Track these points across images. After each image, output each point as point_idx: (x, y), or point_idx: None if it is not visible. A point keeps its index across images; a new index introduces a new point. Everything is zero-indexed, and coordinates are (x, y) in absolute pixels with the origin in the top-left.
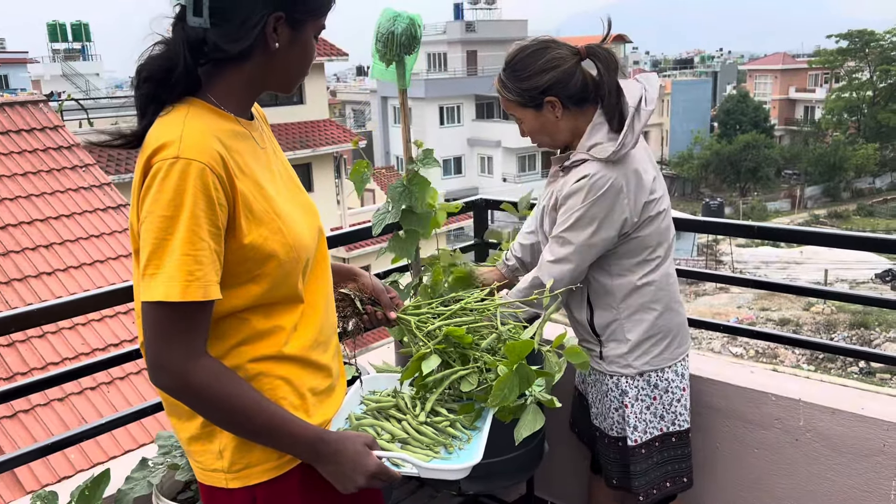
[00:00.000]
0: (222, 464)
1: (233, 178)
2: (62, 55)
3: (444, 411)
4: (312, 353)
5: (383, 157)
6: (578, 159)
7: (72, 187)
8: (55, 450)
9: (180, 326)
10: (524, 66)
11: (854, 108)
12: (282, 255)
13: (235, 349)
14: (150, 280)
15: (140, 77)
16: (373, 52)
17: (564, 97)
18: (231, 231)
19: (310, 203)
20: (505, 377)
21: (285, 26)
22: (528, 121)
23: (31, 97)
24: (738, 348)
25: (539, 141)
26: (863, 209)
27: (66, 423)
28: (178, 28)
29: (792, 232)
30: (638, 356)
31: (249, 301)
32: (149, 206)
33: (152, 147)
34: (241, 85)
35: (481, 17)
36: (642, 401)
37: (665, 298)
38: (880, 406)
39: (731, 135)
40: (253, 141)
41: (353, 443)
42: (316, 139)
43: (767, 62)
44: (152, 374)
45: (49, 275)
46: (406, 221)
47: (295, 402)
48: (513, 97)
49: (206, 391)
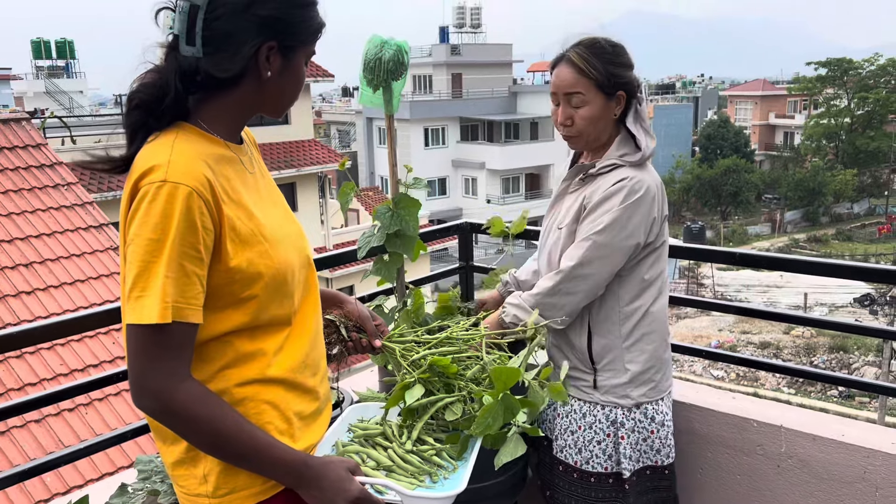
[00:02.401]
0: (207, 488)
1: (219, 202)
2: (46, 72)
3: (431, 440)
4: (300, 375)
5: (368, 178)
6: (609, 164)
7: (54, 206)
8: (32, 475)
9: (163, 349)
10: (618, 53)
11: (832, 135)
12: (267, 278)
13: (221, 373)
14: (134, 302)
15: (131, 104)
16: (360, 78)
17: (630, 99)
18: (217, 254)
19: (297, 227)
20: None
21: (277, 55)
22: (595, 105)
23: (13, 114)
24: (720, 371)
25: (583, 129)
26: (841, 234)
27: (42, 445)
28: (171, 57)
29: (773, 259)
30: (637, 387)
31: (236, 324)
32: (135, 229)
33: (140, 170)
34: (230, 111)
35: (466, 41)
36: (639, 433)
37: (662, 329)
38: (860, 433)
39: (712, 159)
40: (241, 165)
41: (337, 468)
42: (301, 159)
43: (748, 88)
44: (135, 396)
45: (29, 294)
46: (391, 245)
47: (281, 426)
48: (594, 74)
49: (189, 414)
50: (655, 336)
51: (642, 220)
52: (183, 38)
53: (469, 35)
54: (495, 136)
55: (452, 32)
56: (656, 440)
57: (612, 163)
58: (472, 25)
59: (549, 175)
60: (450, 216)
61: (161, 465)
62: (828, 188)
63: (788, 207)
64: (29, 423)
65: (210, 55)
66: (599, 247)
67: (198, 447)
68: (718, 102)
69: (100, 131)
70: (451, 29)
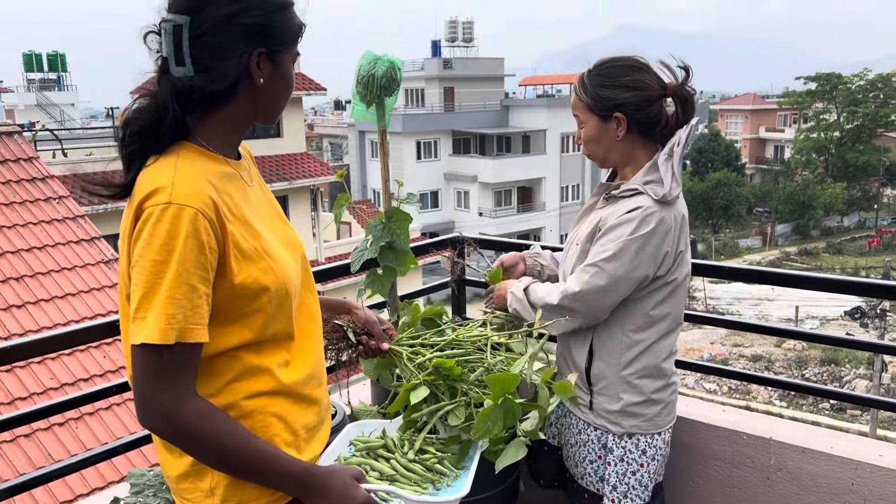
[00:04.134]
0: (213, 501)
1: (223, 221)
2: (37, 85)
3: (433, 450)
4: (306, 387)
5: (360, 191)
6: (632, 189)
7: (45, 219)
8: (21, 490)
9: (169, 369)
10: (610, 74)
11: (822, 148)
12: (271, 293)
13: (229, 386)
14: (139, 323)
15: (127, 131)
16: (353, 93)
17: (634, 120)
18: (221, 272)
19: (295, 237)
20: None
21: (267, 60)
22: (590, 127)
23: (5, 127)
24: (712, 384)
25: (590, 151)
26: (832, 247)
27: (32, 460)
28: (164, 79)
29: (761, 273)
30: (628, 417)
31: (242, 339)
32: (140, 250)
33: (144, 192)
34: (228, 125)
35: (458, 55)
36: (628, 464)
37: (666, 368)
38: (849, 445)
39: (703, 173)
40: (241, 180)
41: (342, 476)
42: (293, 172)
43: (738, 102)
44: (141, 417)
45: (20, 307)
46: (384, 258)
47: (287, 438)
48: (585, 98)
49: (196, 432)
50: (656, 372)
51: (652, 253)
52: (172, 60)
53: (461, 49)
54: (487, 150)
55: (445, 46)
56: (645, 475)
57: (634, 188)
58: (464, 39)
59: (541, 188)
60: (442, 229)
61: (153, 479)
62: (818, 201)
63: (779, 220)
64: (18, 437)
65: (201, 72)
66: (603, 275)
67: (204, 463)
68: (709, 116)
69: (91, 144)
70: (443, 43)
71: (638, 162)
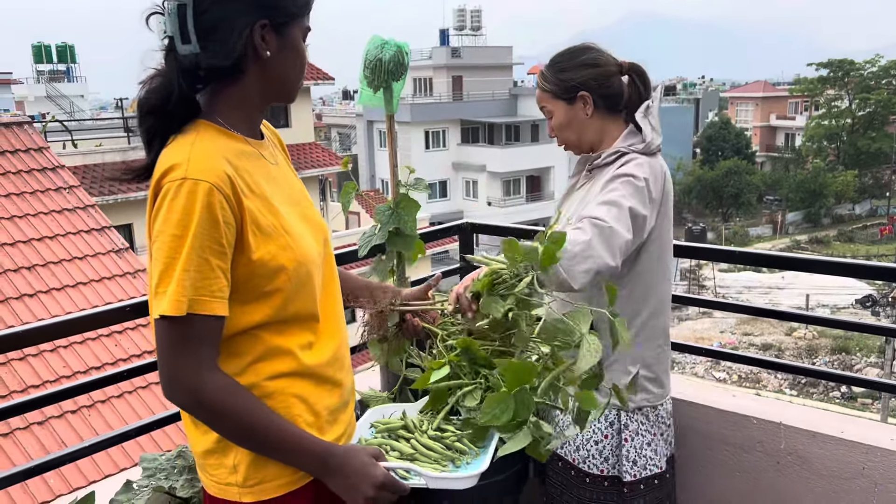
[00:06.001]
0: (236, 478)
1: (240, 197)
2: (47, 76)
3: (452, 429)
4: (329, 369)
5: (368, 181)
6: (614, 152)
7: (55, 209)
8: (35, 474)
9: (190, 341)
10: (567, 58)
11: (833, 136)
12: (290, 271)
13: (251, 367)
14: (160, 297)
15: (142, 112)
16: (360, 78)
17: (598, 96)
18: (240, 248)
19: (319, 219)
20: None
21: (271, 32)
22: (559, 114)
23: (15, 118)
24: (722, 373)
25: (565, 138)
26: (843, 235)
27: (45, 446)
28: (170, 58)
29: (770, 257)
30: (637, 391)
31: (262, 317)
32: (159, 225)
33: (162, 169)
34: (243, 102)
35: (467, 44)
36: (643, 436)
37: (666, 332)
38: (860, 429)
39: (713, 161)
40: (263, 159)
41: (360, 454)
42: (301, 162)
43: (748, 90)
44: (165, 388)
45: (31, 297)
46: (392, 244)
47: (309, 419)
48: (548, 87)
49: (218, 405)
50: (659, 337)
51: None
52: (178, 38)
53: (469, 38)
54: (496, 139)
55: (453, 35)
56: (660, 443)
57: (617, 150)
58: (472, 28)
59: (550, 177)
60: (450, 219)
61: (165, 463)
62: (829, 189)
63: (790, 209)
64: (32, 424)
65: (207, 48)
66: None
67: (225, 437)
68: (719, 104)
69: (101, 135)
70: (451, 31)
71: (612, 136)
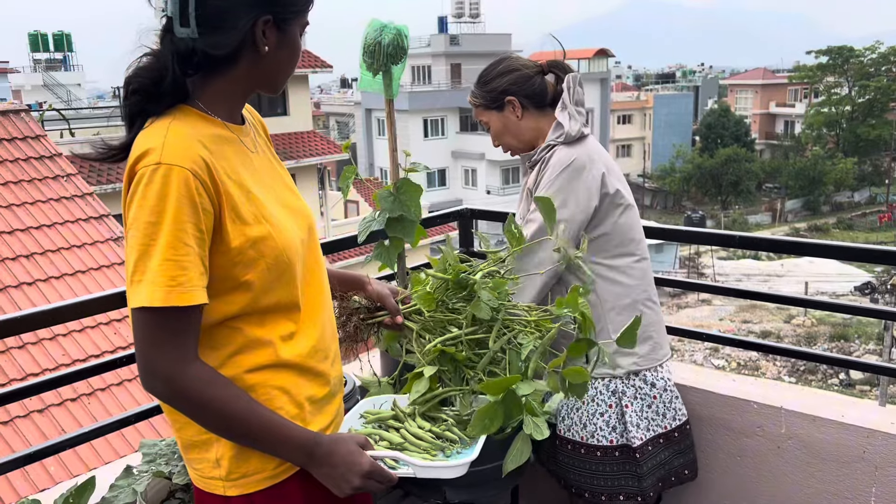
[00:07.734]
0: (220, 472)
1: (217, 183)
2: (43, 65)
3: (443, 416)
4: (311, 360)
5: (367, 169)
6: (545, 147)
7: (54, 197)
8: (35, 459)
9: (168, 332)
10: (488, 73)
11: (833, 123)
12: (270, 259)
13: (231, 359)
14: (136, 286)
15: (128, 89)
16: (360, 62)
17: (523, 97)
18: (218, 235)
19: (302, 207)
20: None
21: (273, 28)
22: (493, 122)
23: (11, 106)
24: (721, 360)
25: (506, 144)
26: (842, 223)
27: (46, 434)
28: (166, 40)
29: (770, 242)
30: (624, 356)
31: (240, 307)
32: (134, 212)
33: (136, 154)
34: (230, 90)
35: (465, 31)
36: (642, 399)
37: (644, 297)
38: (860, 413)
39: (712, 149)
40: (241, 145)
41: (346, 443)
42: (300, 151)
43: (748, 77)
44: (144, 380)
45: (30, 285)
46: (392, 229)
47: (292, 411)
48: (479, 101)
49: (198, 396)
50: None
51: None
52: (177, 20)
53: (468, 25)
54: None
55: (451, 22)
56: (660, 405)
57: (547, 145)
58: (470, 15)
59: None
60: (450, 207)
61: (165, 449)
62: (828, 177)
63: (789, 196)
64: (32, 412)
65: (205, 35)
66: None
67: (208, 429)
68: (719, 91)
69: (98, 124)
70: (449, 19)
71: (546, 131)
